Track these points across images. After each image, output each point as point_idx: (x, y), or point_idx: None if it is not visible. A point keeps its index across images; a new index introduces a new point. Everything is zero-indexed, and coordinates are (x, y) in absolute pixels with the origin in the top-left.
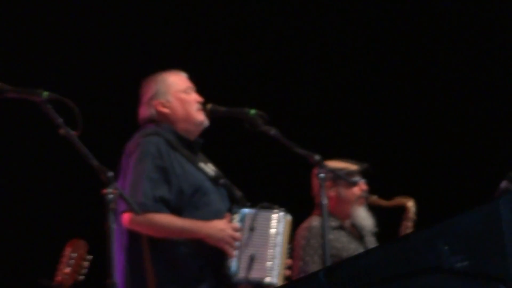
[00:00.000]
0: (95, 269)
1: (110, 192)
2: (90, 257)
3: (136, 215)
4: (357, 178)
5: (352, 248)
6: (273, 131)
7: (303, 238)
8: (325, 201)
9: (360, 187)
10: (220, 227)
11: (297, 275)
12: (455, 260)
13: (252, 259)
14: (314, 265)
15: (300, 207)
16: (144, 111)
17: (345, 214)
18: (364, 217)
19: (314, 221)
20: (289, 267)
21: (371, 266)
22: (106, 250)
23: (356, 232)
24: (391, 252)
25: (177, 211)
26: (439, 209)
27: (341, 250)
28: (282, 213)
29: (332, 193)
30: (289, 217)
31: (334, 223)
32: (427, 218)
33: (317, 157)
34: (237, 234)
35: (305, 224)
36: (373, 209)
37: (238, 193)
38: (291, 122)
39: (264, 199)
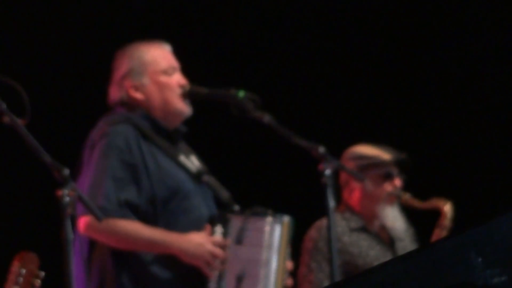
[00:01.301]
0: (49, 287)
1: (66, 194)
2: (42, 273)
3: (97, 221)
4: (390, 171)
5: (371, 255)
6: (267, 118)
7: (310, 240)
8: (331, 203)
9: (393, 182)
10: (198, 241)
11: (300, 284)
12: (491, 274)
13: (239, 280)
14: (321, 274)
15: (301, 211)
16: (115, 92)
17: (371, 213)
18: (393, 219)
19: None
20: (291, 274)
21: (388, 282)
22: (63, 265)
23: (387, 236)
24: (413, 266)
25: (149, 219)
26: (482, 214)
27: (357, 256)
28: (277, 218)
29: (356, 186)
30: (286, 219)
31: (354, 223)
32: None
33: (321, 150)
34: (219, 251)
35: (317, 223)
36: (404, 210)
37: (225, 194)
38: (292, 106)
39: (256, 201)
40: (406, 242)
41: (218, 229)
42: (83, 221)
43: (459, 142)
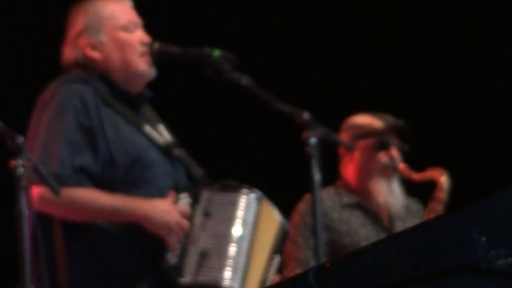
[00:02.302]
0: (1, 272)
1: (20, 165)
2: None
3: (51, 193)
4: (384, 140)
5: (361, 233)
6: (245, 80)
7: (298, 214)
8: (317, 176)
9: (389, 152)
10: (164, 209)
11: (286, 261)
12: (496, 256)
13: (203, 256)
14: (309, 251)
15: (284, 190)
16: (69, 52)
17: (366, 188)
18: (388, 195)
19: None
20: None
21: (379, 265)
22: (17, 245)
23: (386, 215)
24: (407, 246)
25: (106, 189)
26: (485, 186)
27: (344, 235)
28: (254, 195)
29: (351, 159)
30: (268, 204)
31: (348, 199)
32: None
33: (306, 116)
34: (185, 222)
35: (306, 196)
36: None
37: (198, 170)
38: (275, 67)
39: (233, 177)
40: (410, 222)
41: (184, 197)
42: (36, 193)
43: (460, 107)
